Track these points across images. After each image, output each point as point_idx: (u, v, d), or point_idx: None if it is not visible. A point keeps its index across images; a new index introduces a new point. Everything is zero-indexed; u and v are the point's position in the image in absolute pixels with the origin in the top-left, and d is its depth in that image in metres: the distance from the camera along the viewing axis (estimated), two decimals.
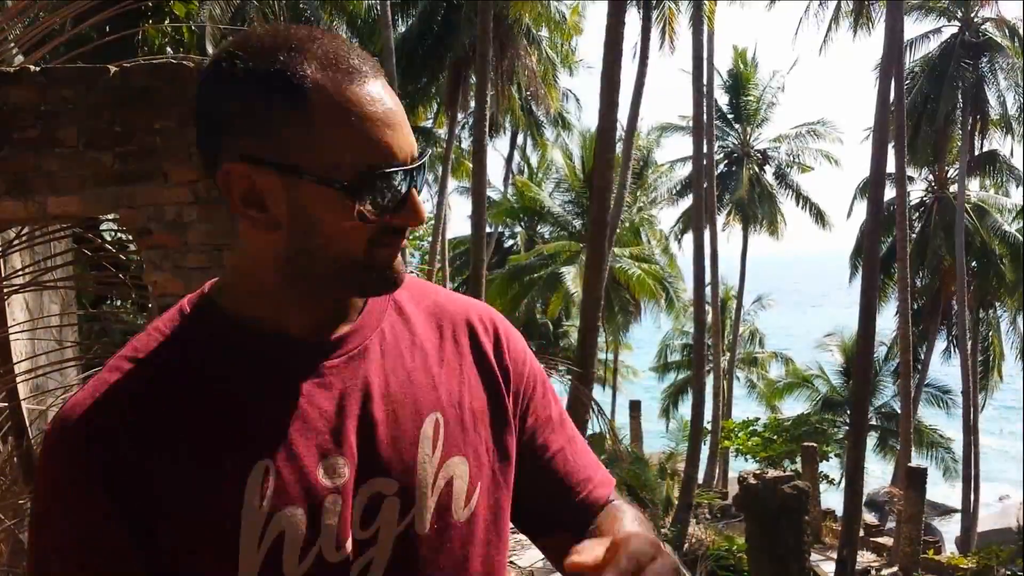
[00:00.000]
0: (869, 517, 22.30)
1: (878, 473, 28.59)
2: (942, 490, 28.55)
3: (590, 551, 0.92)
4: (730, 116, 32.03)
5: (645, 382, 34.57)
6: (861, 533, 17.59)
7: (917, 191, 28.44)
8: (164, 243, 3.25)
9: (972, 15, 26.92)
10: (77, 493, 0.96)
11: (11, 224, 3.79)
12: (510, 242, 31.53)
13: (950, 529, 27.47)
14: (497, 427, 1.14)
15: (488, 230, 23.75)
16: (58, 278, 4.97)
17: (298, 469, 0.99)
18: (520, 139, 31.64)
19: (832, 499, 22.58)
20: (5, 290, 4.05)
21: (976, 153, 27.38)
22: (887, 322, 25.93)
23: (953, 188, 27.25)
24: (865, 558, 17.99)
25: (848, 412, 21.89)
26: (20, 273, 4.51)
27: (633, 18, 17.80)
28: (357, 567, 1.02)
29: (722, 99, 31.42)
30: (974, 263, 27.01)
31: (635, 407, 24.12)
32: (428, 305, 1.16)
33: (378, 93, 0.96)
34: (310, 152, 0.95)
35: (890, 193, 21.32)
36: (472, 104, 21.84)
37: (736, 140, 32.10)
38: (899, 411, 22.97)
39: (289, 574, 0.98)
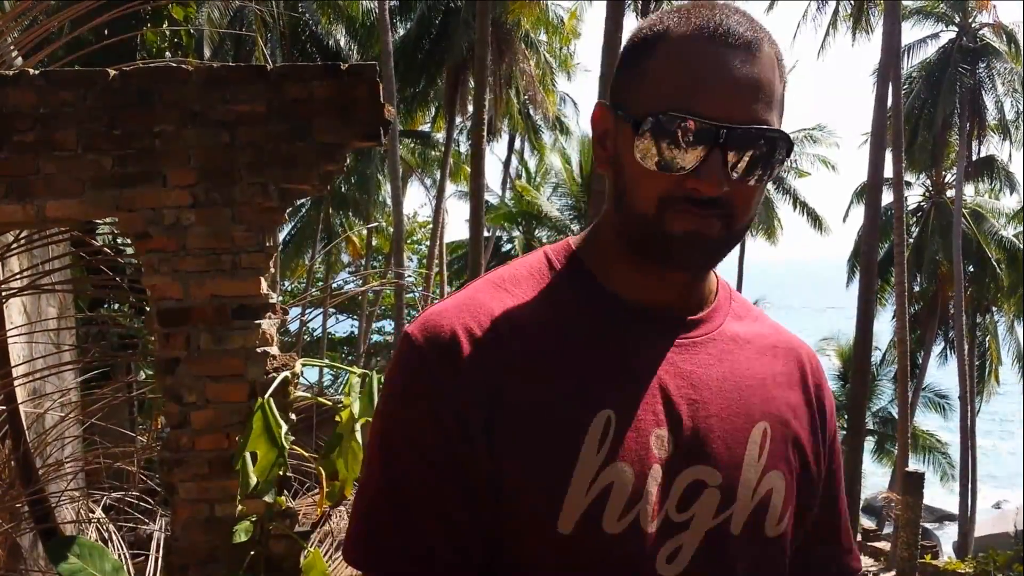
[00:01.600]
0: (866, 522, 22.29)
1: (875, 478, 28.59)
2: (939, 495, 28.55)
3: None
4: None
5: None
6: (859, 538, 17.59)
7: (914, 196, 28.48)
8: (163, 246, 3.23)
9: (970, 21, 26.99)
10: (438, 395, 1.00)
11: (10, 227, 3.79)
12: (508, 246, 31.52)
13: (948, 534, 27.48)
14: (810, 461, 1.14)
15: (486, 234, 23.74)
16: (56, 281, 4.97)
17: (636, 430, 1.01)
18: (518, 143, 31.63)
19: None
20: (3, 294, 4.04)
21: (973, 158, 27.42)
22: (884, 326, 25.95)
23: (950, 193, 27.29)
24: (863, 562, 17.97)
25: (846, 416, 21.89)
26: (18, 276, 4.50)
27: (631, 22, 17.83)
28: (668, 548, 1.01)
29: None
30: (971, 268, 27.04)
31: None
32: (765, 326, 1.18)
33: (725, 58, 0.97)
34: (635, 96, 1.00)
35: (887, 198, 21.35)
36: (470, 108, 21.86)
37: None
38: (896, 415, 22.98)
39: (607, 528, 0.98)
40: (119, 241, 5.95)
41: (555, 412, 1.00)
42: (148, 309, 3.47)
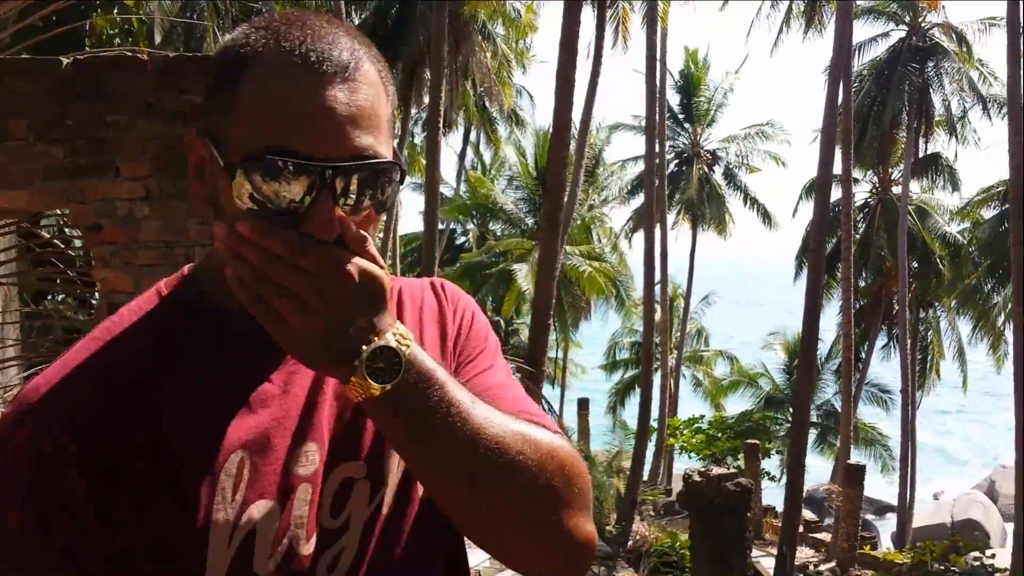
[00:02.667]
0: (808, 513, 22.70)
1: (817, 470, 29.10)
2: (880, 486, 29.17)
3: None
4: (681, 116, 32.36)
5: (593, 378, 34.81)
6: (800, 529, 17.90)
7: (861, 192, 28.99)
8: (115, 239, 3.21)
9: (920, 20, 27.50)
10: (29, 477, 0.91)
11: None
12: (462, 239, 31.50)
13: (887, 525, 28.09)
14: None
15: (440, 227, 23.70)
16: (1, 274, 4.88)
17: (273, 460, 0.96)
18: (473, 135, 31.63)
19: (772, 495, 22.96)
20: None
21: (920, 156, 27.97)
22: (829, 321, 26.43)
23: (896, 190, 27.82)
24: (804, 554, 18.33)
25: (790, 409, 22.26)
26: None
27: (587, 16, 17.90)
28: (328, 557, 0.98)
29: (673, 99, 31.74)
30: (915, 264, 27.61)
31: (583, 404, 24.28)
32: (403, 293, 1.12)
33: (318, 88, 0.88)
34: (226, 129, 0.90)
35: (836, 194, 21.72)
36: (426, 99, 21.78)
37: (686, 140, 32.43)
38: (839, 408, 23.41)
39: (259, 571, 0.94)
40: (66, 232, 5.86)
41: (175, 467, 0.92)
42: (95, 302, 3.44)
